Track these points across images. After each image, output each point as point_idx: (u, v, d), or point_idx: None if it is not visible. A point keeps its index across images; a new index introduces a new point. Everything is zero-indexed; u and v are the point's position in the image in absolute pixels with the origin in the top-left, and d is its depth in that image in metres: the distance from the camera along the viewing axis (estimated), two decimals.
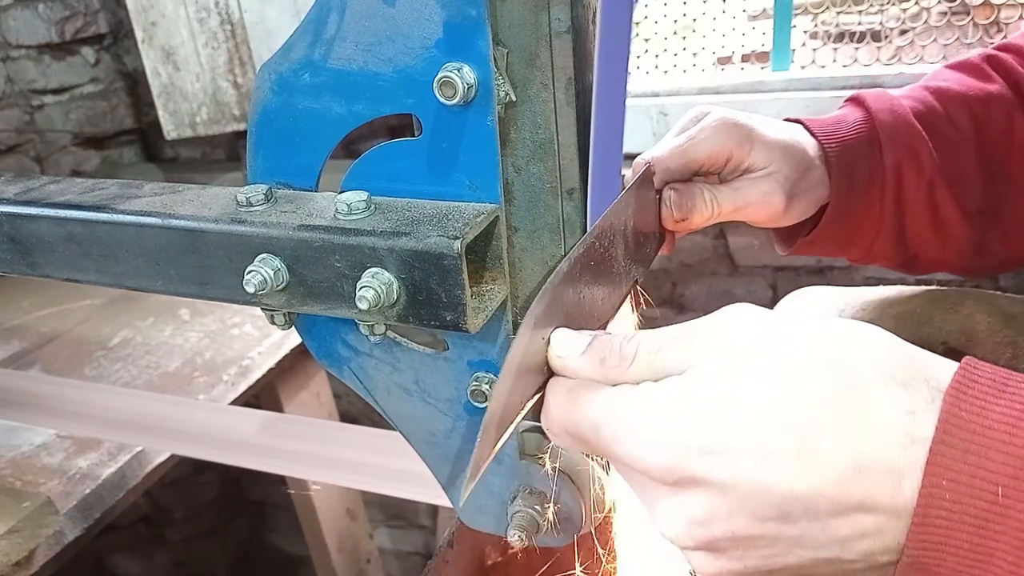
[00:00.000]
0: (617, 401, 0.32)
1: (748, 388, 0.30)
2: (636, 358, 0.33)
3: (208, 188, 0.43)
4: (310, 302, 0.38)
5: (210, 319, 1.26)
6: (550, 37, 0.35)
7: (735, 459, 0.29)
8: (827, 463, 0.29)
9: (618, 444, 0.32)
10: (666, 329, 0.34)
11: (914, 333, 0.63)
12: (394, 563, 1.98)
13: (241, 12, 1.45)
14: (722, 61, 1.37)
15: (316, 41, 0.37)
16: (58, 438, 0.97)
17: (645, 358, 0.33)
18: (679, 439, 0.30)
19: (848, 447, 0.29)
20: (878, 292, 0.68)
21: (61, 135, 1.69)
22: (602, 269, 0.39)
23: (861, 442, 0.29)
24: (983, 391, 0.29)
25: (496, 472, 0.44)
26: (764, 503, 0.29)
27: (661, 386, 0.32)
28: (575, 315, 0.36)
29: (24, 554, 0.78)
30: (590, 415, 0.33)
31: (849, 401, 0.29)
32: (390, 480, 0.81)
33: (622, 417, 0.32)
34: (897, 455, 0.28)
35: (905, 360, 0.31)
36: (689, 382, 0.31)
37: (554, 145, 0.37)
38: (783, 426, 0.29)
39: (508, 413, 0.34)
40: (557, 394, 0.35)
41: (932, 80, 0.63)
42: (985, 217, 0.60)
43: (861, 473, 0.28)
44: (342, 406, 1.59)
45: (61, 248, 0.43)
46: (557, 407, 0.34)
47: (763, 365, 0.30)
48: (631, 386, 0.33)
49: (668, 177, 0.52)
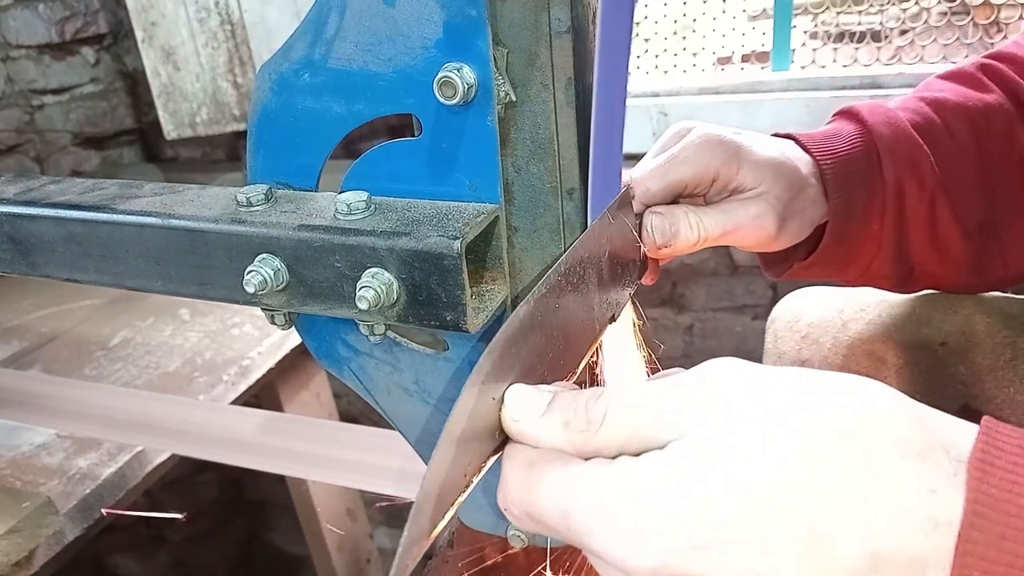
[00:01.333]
0: (588, 482, 0.28)
1: (745, 468, 0.26)
2: (606, 420, 0.28)
3: (208, 188, 0.43)
4: (310, 302, 0.38)
5: (210, 319, 1.26)
6: (550, 37, 0.35)
7: (733, 556, 0.25)
8: (841, 556, 0.25)
9: (592, 537, 0.27)
10: (641, 386, 0.30)
11: (914, 333, 0.63)
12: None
13: (241, 12, 1.45)
14: (722, 61, 1.37)
15: (316, 41, 0.37)
16: (58, 438, 0.97)
17: (617, 421, 0.28)
18: (666, 533, 0.26)
19: (864, 535, 0.25)
20: (878, 293, 0.68)
21: (61, 135, 1.69)
22: (571, 307, 0.35)
23: (878, 528, 0.25)
24: (1012, 461, 0.25)
25: (496, 472, 0.44)
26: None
27: (641, 463, 0.27)
28: (535, 366, 0.32)
29: (24, 554, 0.78)
30: (556, 498, 0.28)
31: (863, 480, 0.25)
32: (390, 480, 0.81)
33: (596, 503, 0.27)
34: (919, 542, 0.25)
35: (920, 425, 0.26)
36: (674, 459, 0.27)
37: (554, 145, 0.37)
38: (788, 513, 0.25)
39: (448, 491, 0.29)
40: (515, 468, 0.30)
41: (926, 91, 0.60)
42: (984, 233, 0.58)
43: (878, 566, 0.25)
44: (342, 406, 1.59)
45: (61, 248, 0.43)
46: (516, 485, 0.30)
47: (761, 439, 0.26)
48: (605, 461, 0.28)
49: (649, 200, 0.48)
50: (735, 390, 0.28)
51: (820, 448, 0.26)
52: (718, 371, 0.29)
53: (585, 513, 0.27)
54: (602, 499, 0.27)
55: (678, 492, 0.26)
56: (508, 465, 0.31)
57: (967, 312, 0.62)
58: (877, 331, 0.65)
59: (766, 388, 0.28)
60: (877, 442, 0.26)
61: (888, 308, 0.66)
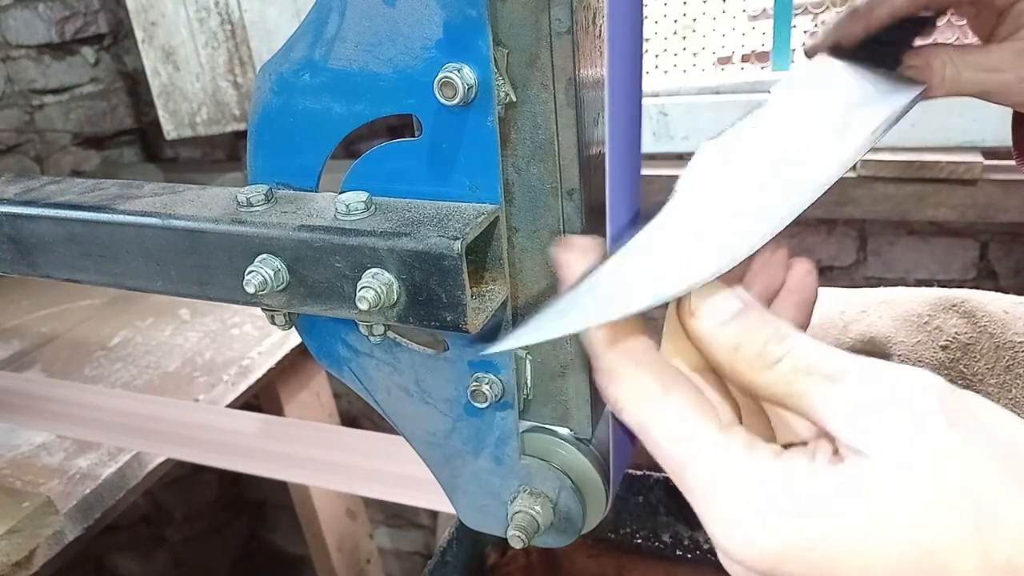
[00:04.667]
0: (743, 471, 0.24)
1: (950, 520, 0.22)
2: (776, 367, 0.25)
3: (208, 188, 0.43)
4: (310, 302, 0.38)
5: (210, 319, 1.27)
6: (550, 37, 0.35)
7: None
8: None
9: (707, 513, 0.25)
10: (829, 353, 0.25)
11: (914, 334, 0.63)
12: (394, 563, 1.98)
13: (241, 12, 1.45)
14: (722, 61, 1.37)
15: (316, 41, 0.37)
16: (58, 438, 0.97)
17: (787, 375, 0.25)
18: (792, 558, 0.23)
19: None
20: (878, 293, 0.68)
21: (61, 135, 1.69)
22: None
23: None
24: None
25: (496, 472, 0.44)
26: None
27: (819, 474, 0.24)
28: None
29: (24, 554, 0.78)
30: (683, 451, 0.25)
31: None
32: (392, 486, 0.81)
33: (746, 498, 0.24)
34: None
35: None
36: (856, 486, 0.23)
37: (554, 145, 0.37)
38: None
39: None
40: (651, 384, 0.27)
41: None
42: None
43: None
44: (342, 406, 1.59)
45: (61, 248, 0.43)
46: (649, 406, 0.27)
47: (969, 483, 0.22)
48: (771, 454, 0.25)
49: (876, 21, 0.39)
50: (939, 419, 0.23)
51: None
52: (916, 385, 0.24)
53: (721, 500, 0.25)
54: (755, 496, 0.24)
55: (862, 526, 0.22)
56: (652, 373, 0.27)
57: (968, 313, 0.62)
58: (879, 333, 0.65)
59: (983, 424, 0.23)
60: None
61: (889, 310, 0.66)
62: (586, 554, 0.67)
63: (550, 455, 0.42)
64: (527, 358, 0.41)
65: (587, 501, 0.43)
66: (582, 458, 0.42)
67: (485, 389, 0.40)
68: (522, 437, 0.43)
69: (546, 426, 0.43)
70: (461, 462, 0.44)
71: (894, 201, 1.15)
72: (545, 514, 0.42)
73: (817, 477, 0.24)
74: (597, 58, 0.37)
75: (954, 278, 1.24)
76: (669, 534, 0.68)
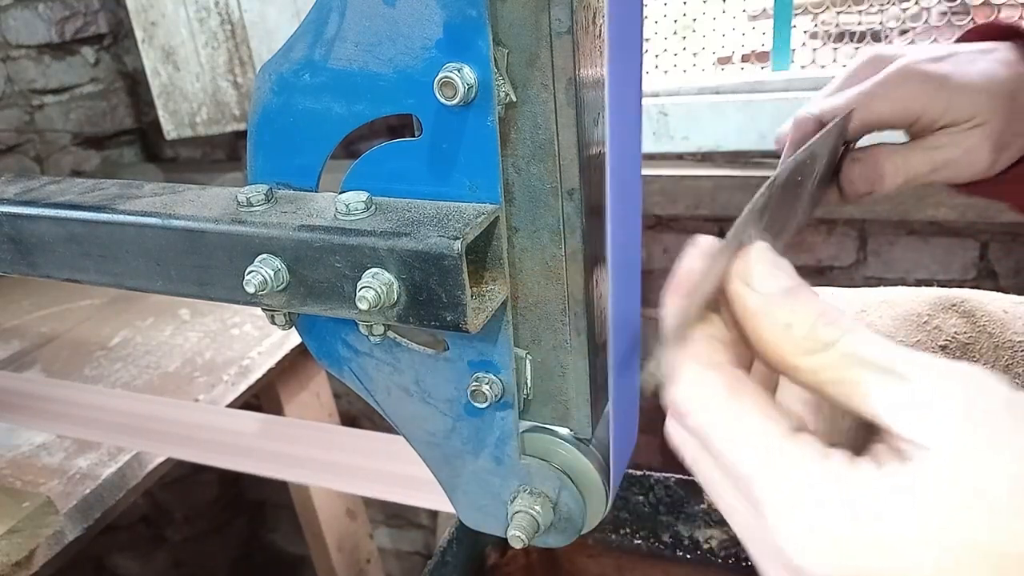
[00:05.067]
0: (823, 483, 0.23)
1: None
2: (827, 352, 0.24)
3: (208, 188, 0.43)
4: (310, 302, 0.38)
5: (210, 319, 1.26)
6: (550, 37, 0.35)
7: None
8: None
9: (788, 537, 0.23)
10: (888, 345, 0.24)
11: (914, 334, 0.63)
12: (394, 563, 1.98)
13: (241, 12, 1.45)
14: (722, 61, 1.37)
15: (316, 41, 0.37)
16: (58, 438, 0.97)
17: (838, 361, 0.24)
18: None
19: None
20: (878, 293, 0.68)
21: (61, 135, 1.69)
22: (789, 200, 0.32)
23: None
24: None
25: (496, 472, 0.44)
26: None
27: (884, 474, 0.22)
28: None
29: (24, 554, 0.78)
30: (766, 464, 0.24)
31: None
32: (392, 486, 0.81)
33: (830, 514, 0.22)
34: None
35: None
36: (913, 488, 0.22)
37: (554, 145, 0.37)
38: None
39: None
40: (710, 385, 0.25)
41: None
42: None
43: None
44: (342, 406, 1.59)
45: (61, 248, 0.43)
46: (711, 405, 0.25)
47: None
48: (846, 463, 0.23)
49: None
50: (1000, 418, 0.22)
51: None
52: (977, 384, 0.23)
53: (790, 507, 0.23)
54: (814, 496, 0.23)
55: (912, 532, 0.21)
56: (709, 376, 0.26)
57: (968, 313, 0.62)
58: (878, 332, 0.65)
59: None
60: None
61: (889, 310, 0.66)
62: (586, 554, 0.67)
63: (550, 455, 0.43)
64: (527, 358, 0.41)
65: (587, 501, 0.43)
66: (582, 458, 0.42)
67: (485, 389, 0.40)
68: (522, 437, 0.43)
69: (546, 426, 0.43)
70: (461, 462, 0.44)
71: (894, 201, 1.15)
72: (545, 514, 0.42)
73: (889, 487, 0.22)
74: (597, 58, 0.37)
75: (954, 278, 1.24)
76: (669, 534, 0.68)
